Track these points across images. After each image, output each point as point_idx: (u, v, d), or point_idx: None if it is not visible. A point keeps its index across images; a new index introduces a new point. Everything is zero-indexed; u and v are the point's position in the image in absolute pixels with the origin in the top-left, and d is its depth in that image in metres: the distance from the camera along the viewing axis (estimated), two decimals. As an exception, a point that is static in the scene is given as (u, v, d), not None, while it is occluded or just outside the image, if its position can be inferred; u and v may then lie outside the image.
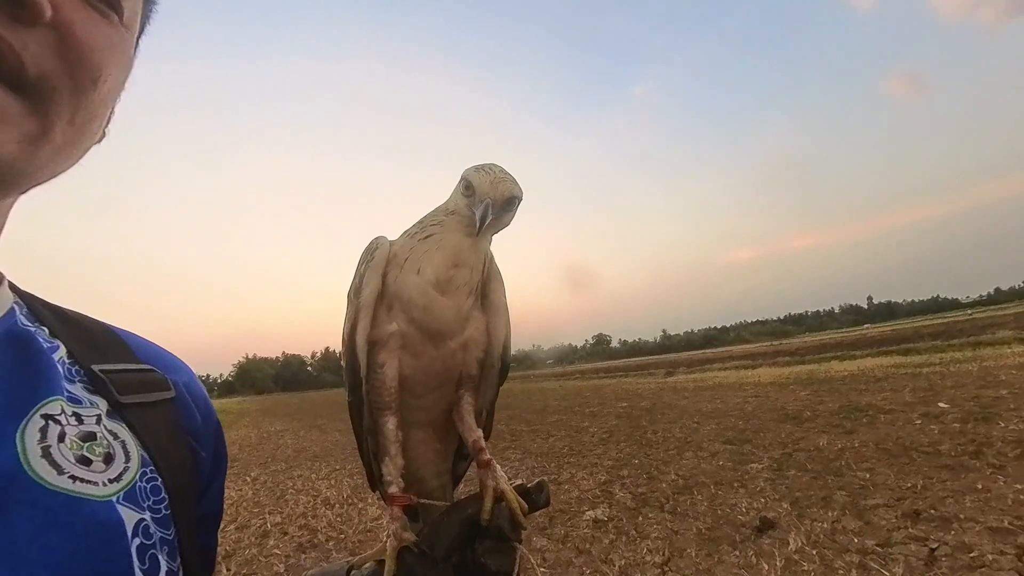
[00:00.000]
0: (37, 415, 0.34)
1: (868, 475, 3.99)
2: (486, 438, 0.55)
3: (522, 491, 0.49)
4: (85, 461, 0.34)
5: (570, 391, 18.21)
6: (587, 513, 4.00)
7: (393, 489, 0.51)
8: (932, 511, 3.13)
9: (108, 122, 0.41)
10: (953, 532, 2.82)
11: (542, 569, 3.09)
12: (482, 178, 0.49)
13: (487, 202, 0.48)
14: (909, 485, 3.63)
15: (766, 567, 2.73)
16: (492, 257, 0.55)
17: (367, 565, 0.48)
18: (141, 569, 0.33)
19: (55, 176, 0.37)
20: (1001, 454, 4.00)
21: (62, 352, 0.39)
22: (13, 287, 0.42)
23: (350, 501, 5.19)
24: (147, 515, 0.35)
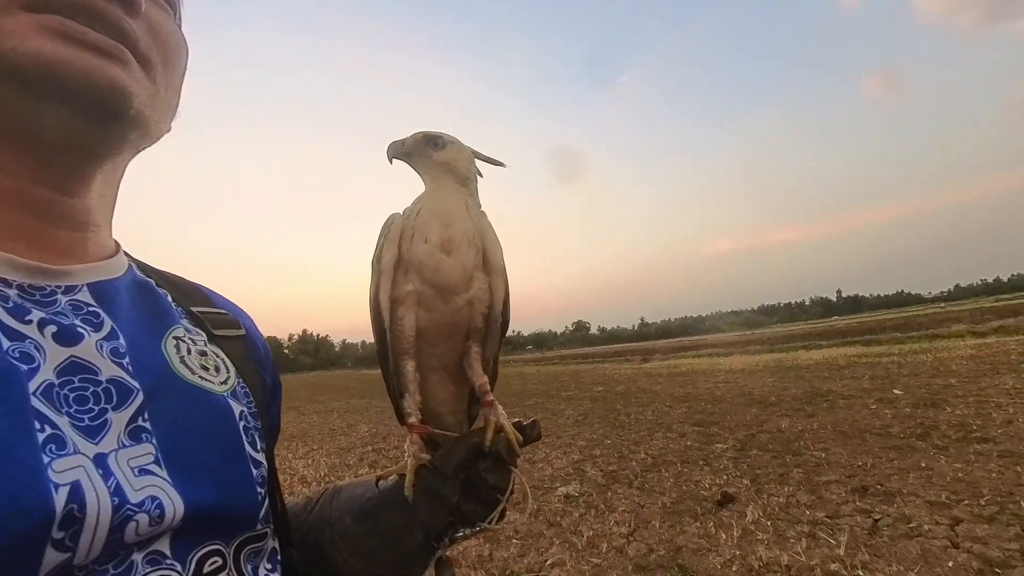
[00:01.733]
0: (170, 336, 0.44)
1: (824, 454, 4.23)
2: (492, 383, 0.64)
3: (518, 426, 0.58)
4: (204, 368, 0.45)
5: (548, 375, 18.46)
6: (559, 489, 4.14)
7: (412, 419, 0.60)
8: (878, 487, 3.36)
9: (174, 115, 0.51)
10: (896, 505, 3.04)
11: (514, 540, 3.21)
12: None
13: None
14: (860, 463, 3.87)
15: (724, 536, 2.90)
16: (490, 225, 0.63)
17: (391, 477, 0.57)
18: (247, 442, 0.43)
19: (152, 139, 0.46)
20: (945, 436, 4.29)
21: (169, 297, 0.50)
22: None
23: (327, 479, 5.23)
24: (245, 408, 0.45)
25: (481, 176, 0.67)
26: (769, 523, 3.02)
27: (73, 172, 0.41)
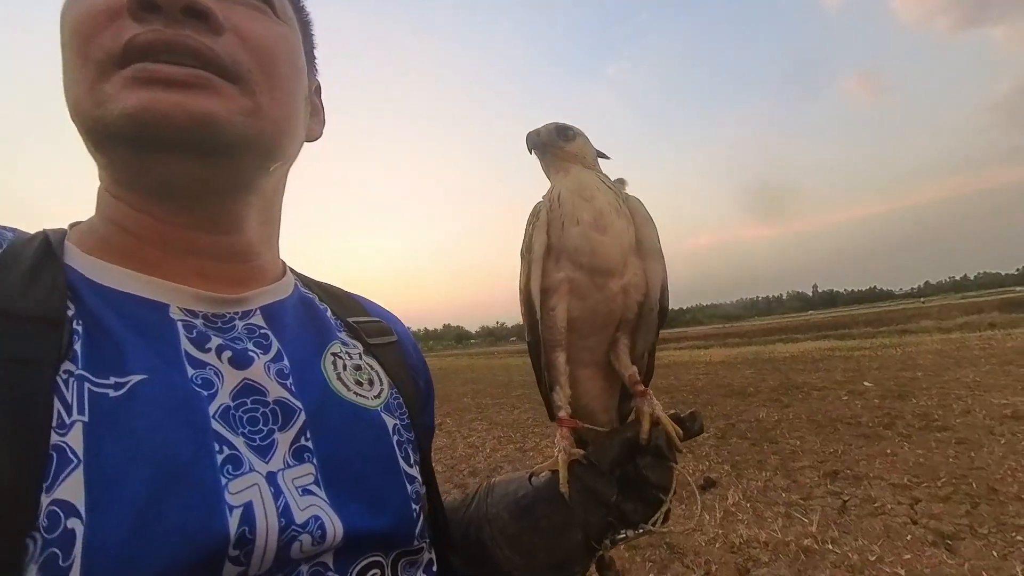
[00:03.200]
0: (328, 353, 0.46)
1: (798, 442, 4.49)
2: (647, 380, 0.61)
3: (676, 419, 0.54)
4: (358, 383, 0.45)
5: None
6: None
7: (562, 413, 0.58)
8: (848, 471, 3.62)
9: (321, 121, 0.52)
10: (863, 487, 3.30)
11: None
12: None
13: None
14: (831, 450, 4.14)
15: (707, 518, 3.12)
16: (641, 203, 0.59)
17: (544, 474, 0.54)
18: (400, 457, 0.44)
19: (288, 148, 0.45)
20: (909, 425, 4.59)
21: (329, 311, 0.52)
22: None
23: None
24: (397, 421, 0.46)
25: (607, 157, 0.65)
26: (748, 505, 3.25)
27: (217, 212, 0.42)
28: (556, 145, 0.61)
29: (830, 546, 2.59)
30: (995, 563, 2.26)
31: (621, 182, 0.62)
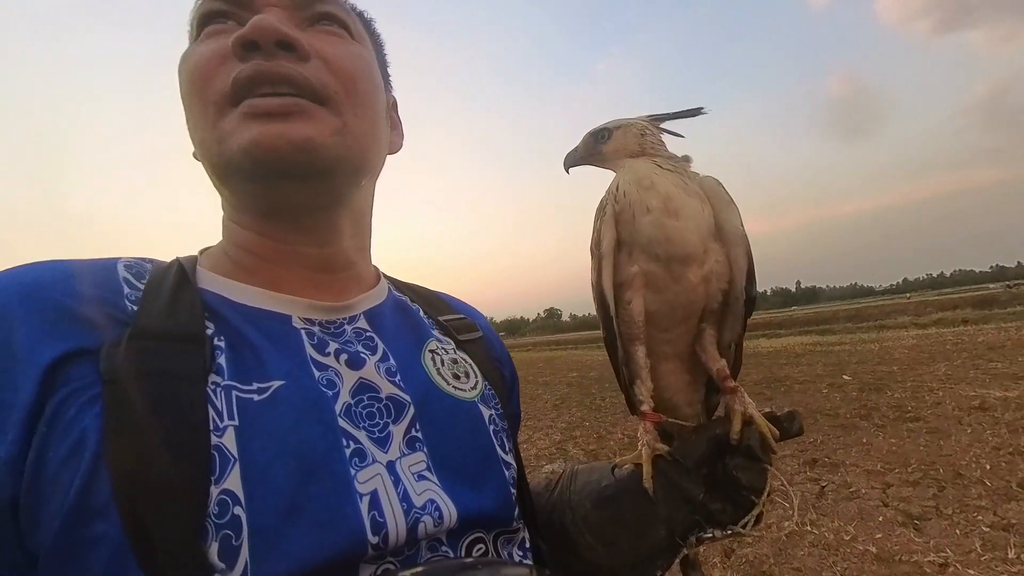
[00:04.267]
0: (426, 350, 0.49)
1: (780, 433, 4.70)
2: (736, 371, 0.58)
3: (771, 418, 0.50)
4: (456, 377, 0.48)
5: (523, 361, 18.84)
6: (544, 467, 4.44)
7: (645, 407, 0.56)
8: (826, 459, 3.82)
9: (400, 134, 0.55)
10: (839, 474, 3.50)
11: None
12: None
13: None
14: (811, 440, 4.34)
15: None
16: (718, 182, 0.56)
17: (627, 467, 0.53)
18: (497, 445, 0.47)
19: (374, 162, 0.48)
20: (884, 416, 4.82)
21: (421, 311, 0.55)
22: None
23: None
24: (492, 412, 0.48)
25: (680, 135, 0.61)
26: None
27: (321, 228, 0.47)
28: (596, 153, 0.60)
29: (809, 528, 2.77)
30: (957, 540, 2.46)
31: (686, 159, 0.58)
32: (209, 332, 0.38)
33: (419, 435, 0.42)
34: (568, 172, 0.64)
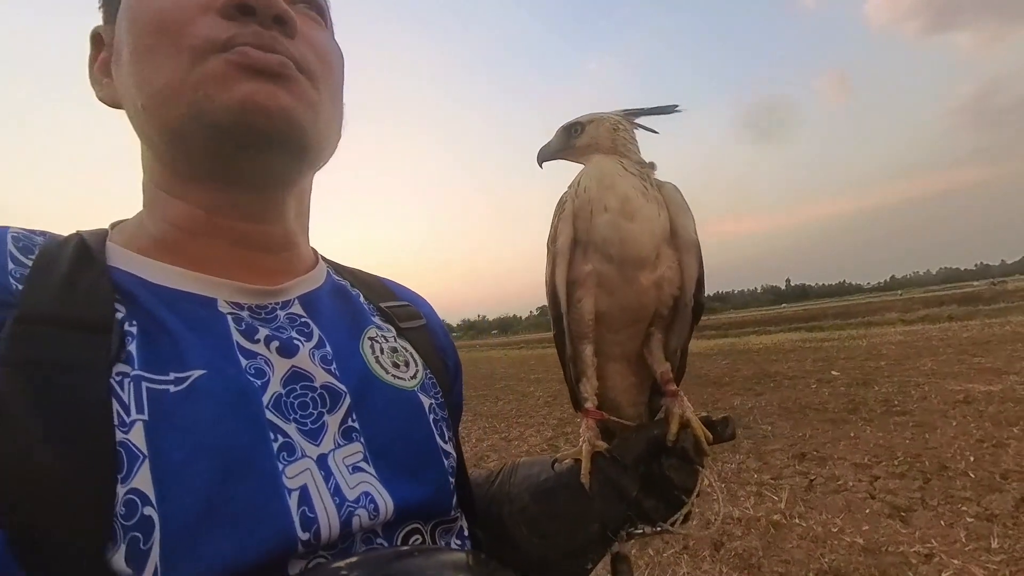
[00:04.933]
0: (365, 337, 0.47)
1: (770, 428, 4.74)
2: (680, 376, 0.59)
3: (706, 422, 0.52)
4: (395, 365, 0.47)
5: (515, 359, 18.86)
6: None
7: (588, 404, 0.57)
8: (814, 453, 3.86)
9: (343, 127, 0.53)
10: (827, 467, 3.53)
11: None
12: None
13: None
14: (800, 434, 4.38)
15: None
16: (676, 188, 0.56)
17: (567, 461, 0.54)
18: (436, 434, 0.46)
19: (331, 152, 0.47)
20: (871, 410, 4.88)
21: (361, 297, 0.53)
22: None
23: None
24: (432, 401, 0.47)
25: (655, 131, 0.61)
26: (723, 485, 3.44)
27: (269, 205, 0.45)
28: (569, 147, 0.60)
29: (797, 520, 2.79)
30: (942, 531, 2.49)
31: (651, 165, 0.58)
32: (119, 316, 0.35)
33: (356, 425, 0.40)
34: (541, 166, 0.64)
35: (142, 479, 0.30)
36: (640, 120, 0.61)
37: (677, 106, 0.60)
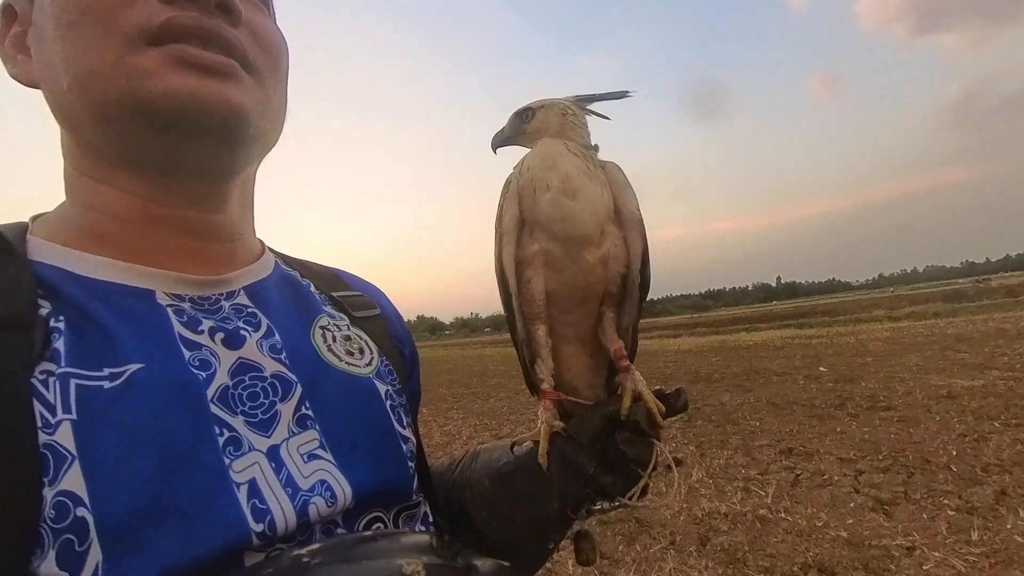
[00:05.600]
0: (316, 326, 0.47)
1: (758, 423, 4.78)
2: (632, 355, 0.59)
3: (660, 395, 0.52)
4: (349, 353, 0.46)
5: (509, 357, 18.84)
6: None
7: (545, 386, 0.57)
8: (801, 448, 3.90)
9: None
10: (813, 462, 3.57)
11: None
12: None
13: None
14: (787, 430, 4.43)
15: (673, 492, 3.33)
16: (619, 168, 0.57)
17: (526, 444, 0.55)
18: (394, 419, 0.46)
19: (276, 140, 0.47)
20: (858, 406, 4.94)
21: (312, 286, 0.52)
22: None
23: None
24: (389, 387, 0.47)
25: (606, 117, 0.61)
26: (711, 481, 3.47)
27: (213, 193, 0.44)
28: (521, 132, 0.61)
29: (783, 515, 2.82)
30: (925, 524, 2.53)
31: (594, 148, 0.59)
32: (43, 313, 0.33)
33: (310, 412, 0.40)
34: (495, 152, 0.64)
35: (72, 480, 0.29)
36: (594, 107, 0.62)
37: (628, 92, 0.61)
